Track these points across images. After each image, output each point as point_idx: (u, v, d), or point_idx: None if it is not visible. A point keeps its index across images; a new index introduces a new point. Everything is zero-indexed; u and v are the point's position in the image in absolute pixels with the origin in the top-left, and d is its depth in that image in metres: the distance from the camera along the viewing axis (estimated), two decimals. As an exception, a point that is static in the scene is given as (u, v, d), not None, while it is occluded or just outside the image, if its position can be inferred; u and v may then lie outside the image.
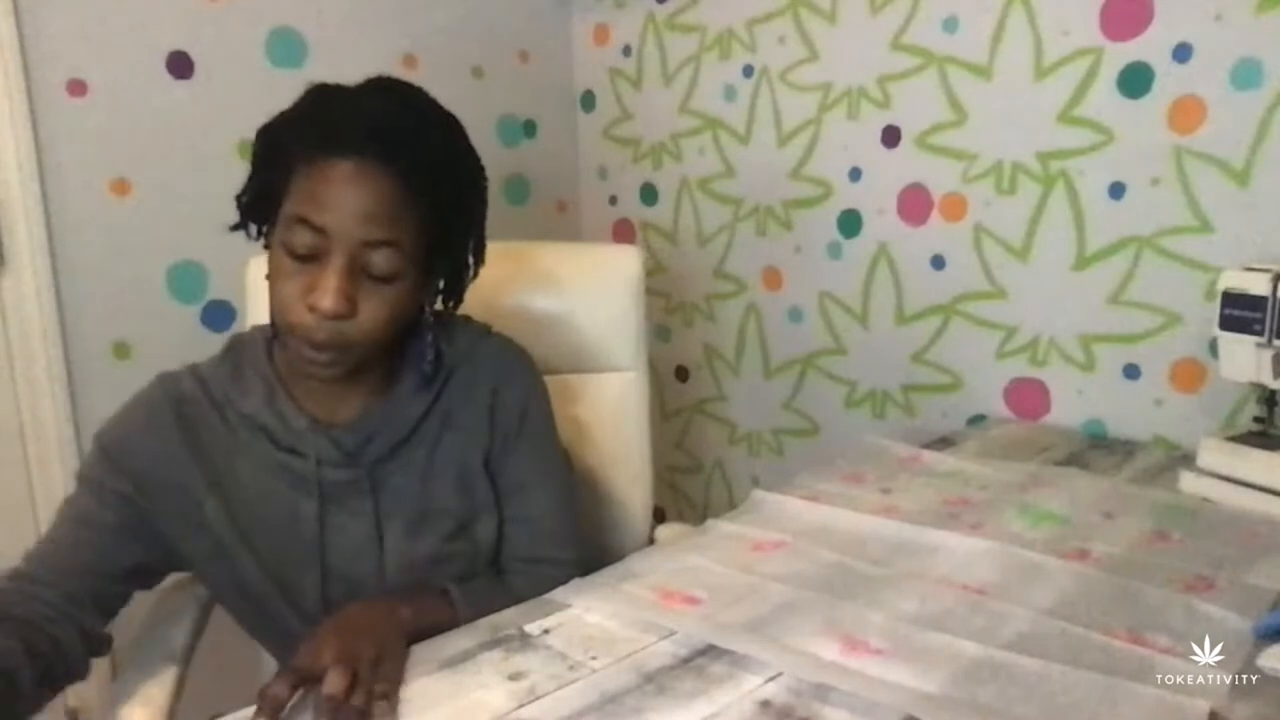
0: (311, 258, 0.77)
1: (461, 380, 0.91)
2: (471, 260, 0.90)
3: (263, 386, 0.87)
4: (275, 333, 0.85)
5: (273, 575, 0.87)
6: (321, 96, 0.81)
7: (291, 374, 0.87)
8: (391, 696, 0.68)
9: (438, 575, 0.89)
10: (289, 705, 0.67)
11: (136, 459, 0.85)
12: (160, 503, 0.86)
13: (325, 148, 0.77)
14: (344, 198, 0.76)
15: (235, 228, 0.86)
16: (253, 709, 0.66)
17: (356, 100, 0.81)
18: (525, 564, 0.93)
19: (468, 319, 0.96)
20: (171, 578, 0.93)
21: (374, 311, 0.79)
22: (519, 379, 0.94)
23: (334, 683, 0.67)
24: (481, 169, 0.88)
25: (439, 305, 0.91)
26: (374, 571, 0.88)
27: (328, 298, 0.76)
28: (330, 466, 0.86)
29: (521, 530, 0.93)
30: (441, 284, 0.89)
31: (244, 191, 0.85)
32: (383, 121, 0.78)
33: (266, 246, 0.85)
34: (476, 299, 0.97)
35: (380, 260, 0.78)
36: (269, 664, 1.01)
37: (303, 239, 0.77)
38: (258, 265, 1.18)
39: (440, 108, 0.84)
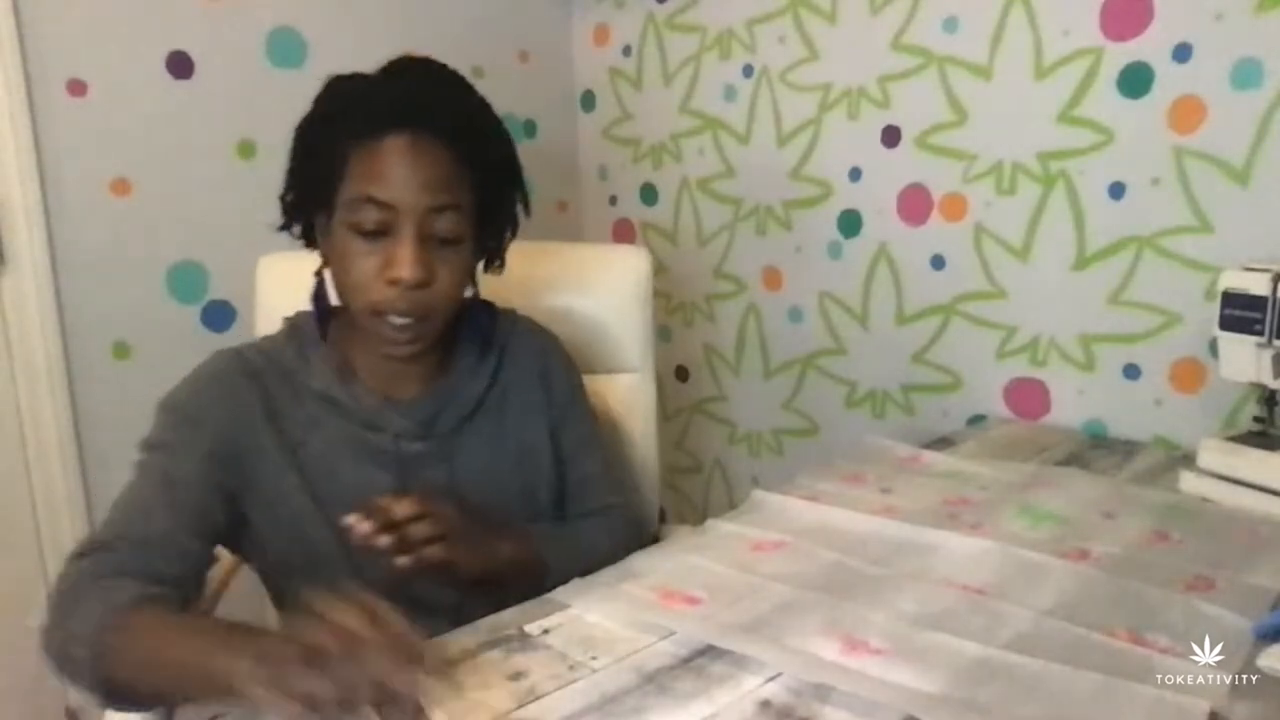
0: (381, 233, 0.81)
1: (512, 357, 0.97)
2: (519, 215, 0.93)
3: (330, 364, 0.89)
4: (336, 317, 0.88)
5: (347, 546, 0.84)
6: (352, 83, 0.84)
7: (359, 354, 0.90)
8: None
9: None
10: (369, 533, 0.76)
11: (219, 424, 0.84)
12: (239, 470, 0.85)
13: (377, 127, 0.80)
14: (405, 170, 0.80)
15: (282, 228, 0.87)
16: (253, 711, 0.66)
17: (390, 79, 0.84)
18: (595, 512, 1.01)
19: (492, 304, 1.00)
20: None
21: (448, 277, 0.83)
22: (558, 355, 1.02)
23: (401, 507, 0.77)
24: (507, 130, 0.91)
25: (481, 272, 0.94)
26: None
27: (407, 268, 0.79)
28: (406, 440, 0.89)
29: (586, 486, 1.01)
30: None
31: (287, 190, 0.86)
32: (424, 95, 0.82)
33: (307, 244, 0.88)
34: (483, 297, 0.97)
35: (446, 224, 0.82)
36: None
37: (371, 215, 0.80)
38: (268, 264, 1.18)
39: (463, 77, 0.87)
